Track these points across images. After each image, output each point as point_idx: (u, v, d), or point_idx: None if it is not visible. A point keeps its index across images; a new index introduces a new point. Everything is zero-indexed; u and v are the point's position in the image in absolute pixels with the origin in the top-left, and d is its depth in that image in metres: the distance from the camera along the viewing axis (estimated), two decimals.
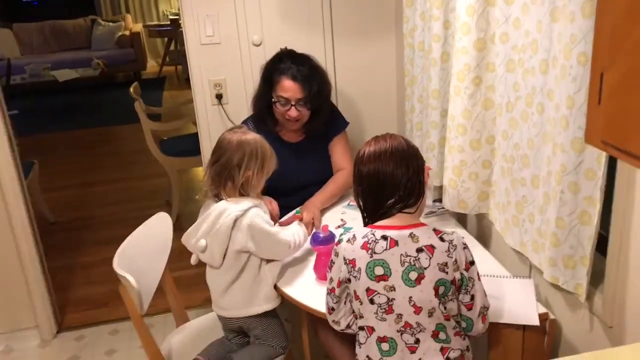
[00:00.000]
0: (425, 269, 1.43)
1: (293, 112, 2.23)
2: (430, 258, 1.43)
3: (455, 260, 1.44)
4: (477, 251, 1.98)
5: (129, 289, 1.74)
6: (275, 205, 2.03)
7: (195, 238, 1.81)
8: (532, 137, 1.67)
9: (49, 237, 3.49)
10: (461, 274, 1.45)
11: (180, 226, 2.10)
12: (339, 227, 2.16)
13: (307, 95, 2.23)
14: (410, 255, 1.44)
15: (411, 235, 1.46)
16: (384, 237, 1.47)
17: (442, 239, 1.45)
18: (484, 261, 1.90)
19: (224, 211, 1.77)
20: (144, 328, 1.81)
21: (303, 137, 2.40)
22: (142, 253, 1.92)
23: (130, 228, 1.96)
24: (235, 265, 1.82)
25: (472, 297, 1.48)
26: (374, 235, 1.49)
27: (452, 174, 2.01)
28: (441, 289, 1.44)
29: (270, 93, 2.26)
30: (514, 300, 1.68)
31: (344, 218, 2.24)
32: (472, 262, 1.48)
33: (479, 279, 1.49)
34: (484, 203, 2.02)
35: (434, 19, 2.07)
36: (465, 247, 1.48)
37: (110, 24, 8.75)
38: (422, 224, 1.51)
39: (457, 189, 2.01)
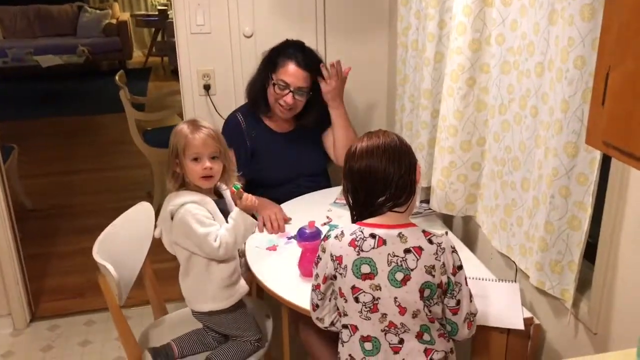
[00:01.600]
0: (412, 270, 1.41)
1: (289, 99, 2.19)
2: (418, 260, 1.41)
3: (443, 264, 1.42)
4: (463, 253, 1.95)
5: (108, 278, 1.70)
6: (279, 215, 2.05)
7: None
8: (524, 140, 1.66)
9: (25, 224, 3.41)
10: (448, 277, 1.43)
11: None
12: (324, 224, 2.14)
13: (309, 86, 2.20)
14: (397, 256, 1.42)
15: (400, 235, 1.44)
16: (372, 235, 1.45)
17: (430, 241, 1.43)
18: (469, 263, 1.89)
19: (166, 203, 1.77)
20: (122, 319, 1.77)
21: (293, 127, 2.37)
22: (122, 242, 1.88)
23: (110, 218, 1.91)
24: (181, 257, 1.81)
25: (458, 302, 1.46)
26: (362, 232, 1.46)
27: (441, 175, 1.99)
28: (426, 292, 1.42)
29: (270, 75, 2.22)
30: (499, 304, 1.67)
31: (330, 215, 2.22)
32: (460, 267, 1.46)
33: (466, 284, 1.47)
34: (471, 205, 2.01)
35: (429, 18, 2.05)
36: (454, 250, 1.45)
37: (97, 11, 8.62)
38: (412, 224, 1.49)
39: (445, 191, 2.00)
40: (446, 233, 1.73)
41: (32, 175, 4.52)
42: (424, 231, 1.46)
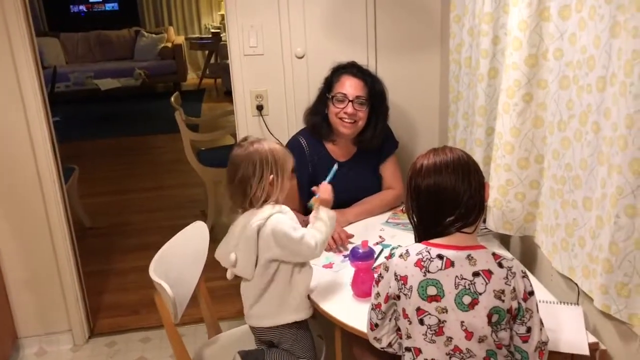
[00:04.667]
0: (481, 294, 1.36)
1: (349, 109, 2.20)
2: (487, 284, 1.36)
3: (514, 289, 1.37)
4: None
5: (163, 296, 1.72)
6: (343, 235, 2.07)
7: (226, 252, 1.80)
8: (585, 158, 1.60)
9: (84, 242, 3.52)
10: (518, 303, 1.38)
11: (214, 237, 2.08)
12: (377, 244, 2.11)
13: (367, 94, 2.21)
14: (465, 279, 1.37)
15: (469, 257, 1.39)
16: (440, 257, 1.40)
17: (500, 265, 1.38)
18: None
19: (246, 223, 1.75)
20: (177, 337, 1.79)
21: (353, 154, 2.36)
22: (178, 261, 1.91)
23: (165, 236, 1.94)
24: (265, 275, 1.79)
25: (529, 330, 1.39)
26: (429, 253, 1.42)
27: (498, 193, 1.94)
28: (495, 317, 1.36)
29: (328, 96, 2.25)
30: (561, 328, 1.60)
31: (383, 235, 2.19)
32: (532, 293, 1.40)
33: (537, 311, 1.41)
34: (530, 225, 1.95)
35: (483, 34, 2.02)
36: (525, 275, 1.40)
37: (153, 35, 8.93)
38: (481, 246, 1.43)
39: (502, 209, 1.94)
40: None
41: (91, 194, 4.68)
42: (493, 254, 1.41)
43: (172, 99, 4.21)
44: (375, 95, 2.25)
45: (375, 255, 1.90)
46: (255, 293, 1.82)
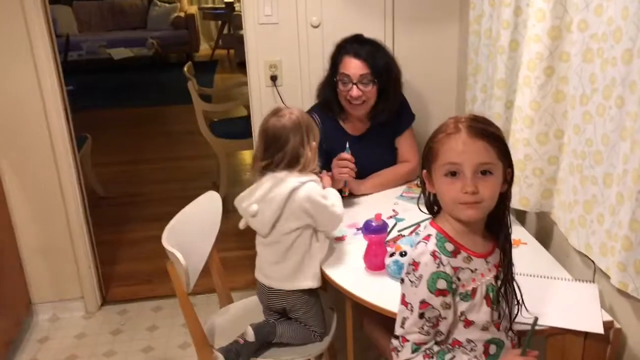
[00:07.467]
0: None
1: (354, 92, 2.16)
2: None
3: None
4: (537, 251, 1.89)
5: (176, 265, 1.72)
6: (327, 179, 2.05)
7: (248, 202, 1.82)
8: (607, 133, 1.56)
9: (97, 211, 3.53)
10: None
11: (226, 208, 2.08)
12: (390, 217, 2.09)
13: (371, 72, 2.16)
14: None
15: None
16: None
17: None
18: (544, 262, 1.81)
19: (281, 180, 1.77)
20: (189, 306, 1.79)
21: (367, 128, 2.33)
22: (191, 231, 1.90)
23: (177, 207, 1.94)
24: (286, 240, 1.81)
25: None
26: None
27: (515, 168, 1.87)
28: None
29: (334, 77, 2.21)
30: (576, 305, 1.58)
31: (396, 209, 2.17)
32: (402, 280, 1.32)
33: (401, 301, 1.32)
34: (547, 201, 1.92)
35: (505, 5, 1.96)
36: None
37: (166, 4, 8.84)
38: None
39: (519, 185, 1.91)
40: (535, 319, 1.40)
41: (104, 163, 4.68)
42: None
43: (185, 68, 4.18)
44: (380, 70, 2.18)
45: (389, 229, 1.89)
46: (274, 256, 1.85)
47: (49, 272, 2.83)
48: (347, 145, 2.12)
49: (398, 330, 1.31)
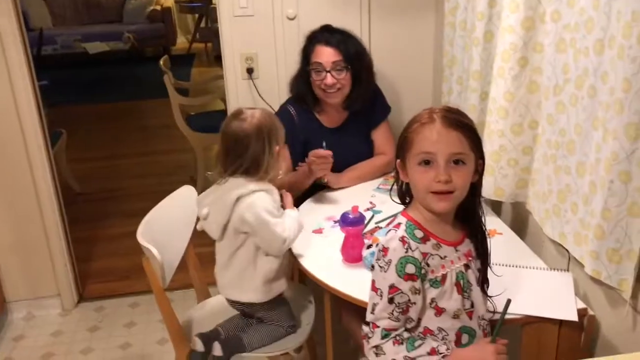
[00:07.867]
0: None
1: (329, 79, 2.16)
2: None
3: None
4: (512, 241, 1.91)
5: (152, 261, 1.70)
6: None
7: (201, 205, 1.80)
8: (580, 122, 1.58)
9: (73, 208, 3.48)
10: None
11: None
12: (367, 209, 2.09)
13: (343, 58, 2.16)
14: None
15: None
16: None
17: None
18: (519, 252, 1.83)
19: (236, 186, 1.73)
20: (165, 301, 1.77)
21: (343, 120, 2.33)
22: (166, 225, 1.88)
23: (154, 202, 1.92)
24: (232, 244, 1.78)
25: None
26: None
27: (490, 159, 1.92)
28: None
29: (307, 68, 2.20)
30: (551, 294, 1.60)
31: (373, 201, 2.17)
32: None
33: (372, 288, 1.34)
34: (521, 191, 1.94)
35: None
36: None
37: None
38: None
39: (494, 176, 1.93)
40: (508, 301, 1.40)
41: (80, 159, 4.62)
42: None
43: (161, 61, 4.13)
44: (352, 57, 2.19)
45: (366, 222, 1.89)
46: (223, 260, 1.82)
47: (24, 270, 2.78)
48: (324, 144, 2.07)
49: (369, 317, 1.32)
